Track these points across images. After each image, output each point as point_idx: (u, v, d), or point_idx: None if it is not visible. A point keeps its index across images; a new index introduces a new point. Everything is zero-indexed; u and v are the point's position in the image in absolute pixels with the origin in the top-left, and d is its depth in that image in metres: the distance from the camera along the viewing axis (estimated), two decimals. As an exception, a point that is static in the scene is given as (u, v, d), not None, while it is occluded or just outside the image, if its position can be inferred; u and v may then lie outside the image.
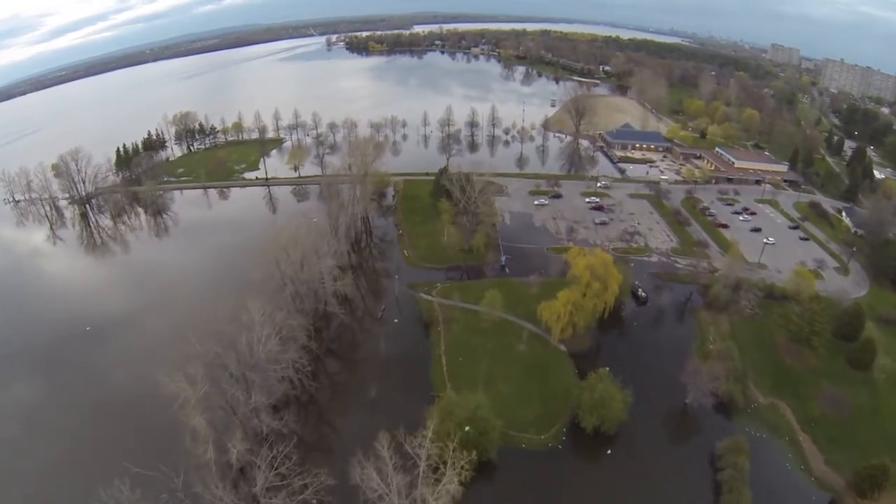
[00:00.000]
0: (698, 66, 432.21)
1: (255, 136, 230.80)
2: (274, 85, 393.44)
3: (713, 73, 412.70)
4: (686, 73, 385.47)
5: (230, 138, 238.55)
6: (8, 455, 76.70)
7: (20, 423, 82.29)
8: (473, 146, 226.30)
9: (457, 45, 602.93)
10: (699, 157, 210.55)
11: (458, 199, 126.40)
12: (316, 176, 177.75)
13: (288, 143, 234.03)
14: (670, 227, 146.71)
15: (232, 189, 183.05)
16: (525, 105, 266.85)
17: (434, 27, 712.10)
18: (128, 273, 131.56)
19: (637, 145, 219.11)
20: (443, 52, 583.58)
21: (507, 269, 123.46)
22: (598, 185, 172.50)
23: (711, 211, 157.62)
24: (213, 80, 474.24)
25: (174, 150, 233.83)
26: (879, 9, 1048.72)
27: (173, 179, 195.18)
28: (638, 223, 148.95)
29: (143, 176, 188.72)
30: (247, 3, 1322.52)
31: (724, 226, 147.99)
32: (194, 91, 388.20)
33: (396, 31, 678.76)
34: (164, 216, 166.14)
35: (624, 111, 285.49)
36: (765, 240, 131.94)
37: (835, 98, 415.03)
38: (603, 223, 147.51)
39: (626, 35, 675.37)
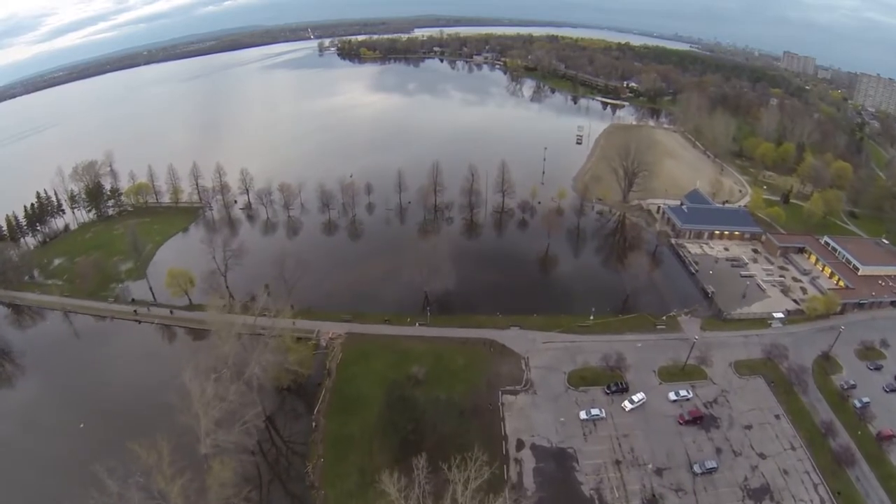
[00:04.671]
0: (733, 83, 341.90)
1: (166, 200, 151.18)
2: (239, 103, 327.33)
3: (745, 89, 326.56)
4: (725, 94, 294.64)
5: (140, 201, 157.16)
6: None
7: None
8: (472, 227, 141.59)
9: (457, 51, 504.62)
10: (803, 252, 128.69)
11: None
12: (203, 310, 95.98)
13: (210, 213, 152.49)
14: (815, 462, 71.28)
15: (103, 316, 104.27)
16: (547, 151, 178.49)
17: (435, 31, 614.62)
18: None
19: (716, 232, 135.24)
20: (442, 61, 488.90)
21: None
22: (694, 338, 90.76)
23: (864, 399, 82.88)
24: (190, 91, 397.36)
25: (76, 216, 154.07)
26: (884, 15, 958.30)
27: (37, 283, 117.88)
28: (762, 456, 70.94)
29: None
30: (248, 5, 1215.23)
31: (892, 437, 76.95)
32: (160, 106, 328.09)
33: (393, 36, 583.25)
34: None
35: (673, 155, 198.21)
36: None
37: (881, 122, 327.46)
38: (708, 472, 67.82)
39: (635, 41, 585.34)
